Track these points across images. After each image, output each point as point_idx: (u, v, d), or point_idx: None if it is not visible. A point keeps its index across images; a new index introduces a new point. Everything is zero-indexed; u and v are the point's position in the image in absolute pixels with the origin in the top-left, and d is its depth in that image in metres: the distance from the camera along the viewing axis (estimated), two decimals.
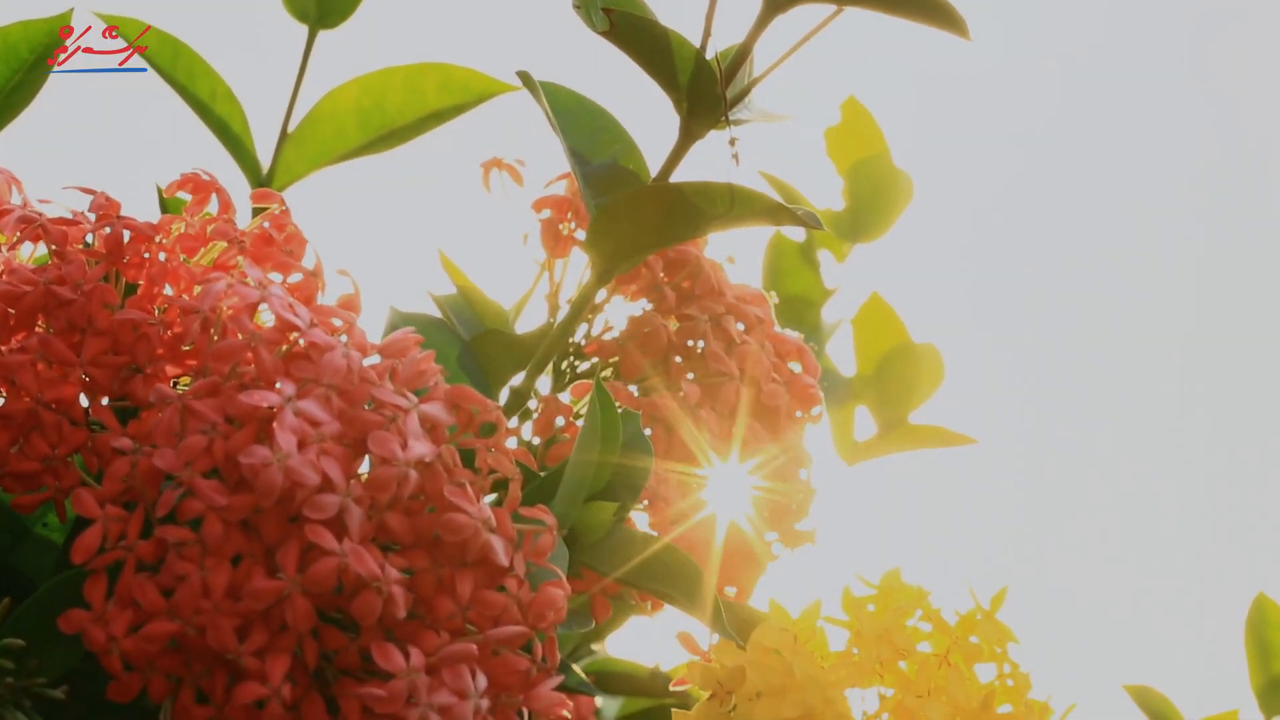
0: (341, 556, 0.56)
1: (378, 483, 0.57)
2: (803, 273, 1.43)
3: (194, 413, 0.58)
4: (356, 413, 0.58)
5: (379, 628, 0.57)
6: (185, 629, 0.55)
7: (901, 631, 0.70)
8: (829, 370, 1.40)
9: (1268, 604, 1.34)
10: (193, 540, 0.56)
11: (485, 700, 0.58)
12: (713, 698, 0.70)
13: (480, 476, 0.60)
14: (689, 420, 0.72)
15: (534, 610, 0.59)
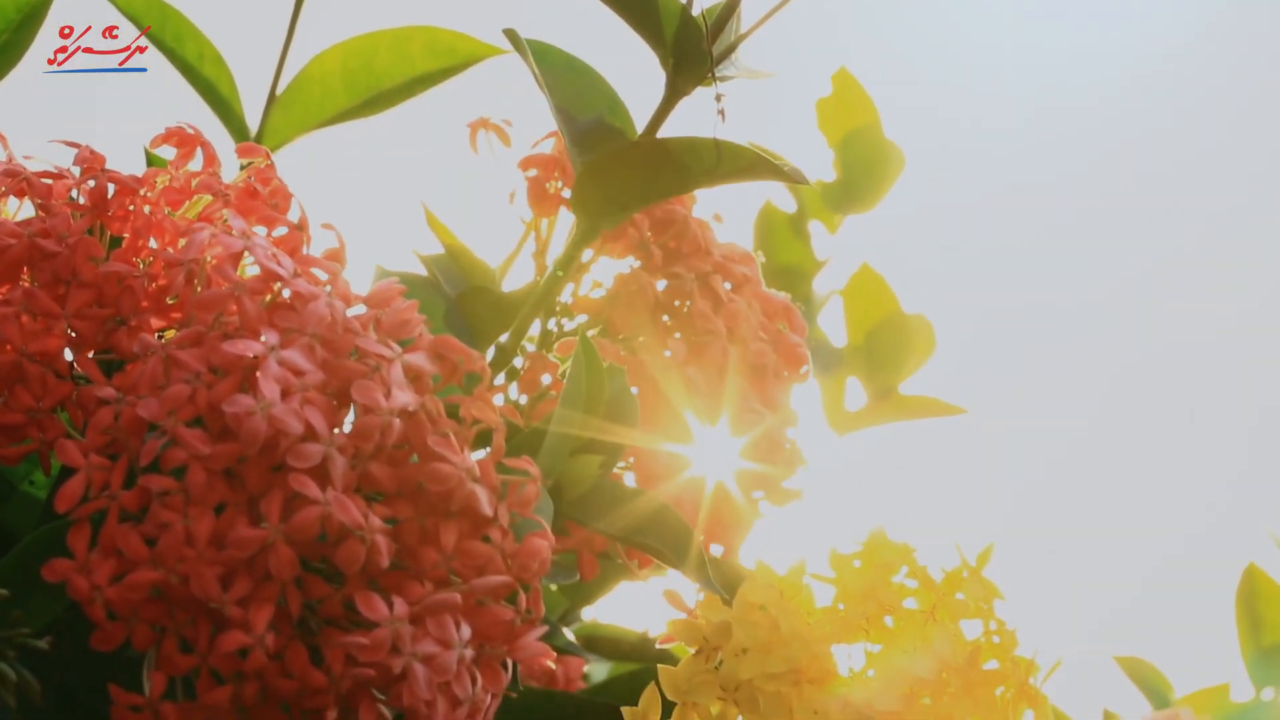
0: (325, 505, 0.56)
1: (361, 432, 0.57)
2: (794, 244, 1.43)
3: (178, 362, 0.57)
4: (340, 362, 0.58)
5: (363, 577, 0.57)
6: (168, 577, 0.55)
7: (887, 588, 0.70)
8: (820, 341, 1.40)
9: (1258, 575, 1.34)
10: (176, 489, 0.56)
11: (469, 650, 0.58)
12: (698, 653, 0.69)
13: (464, 427, 0.60)
14: (675, 378, 0.72)
15: (518, 561, 0.59)
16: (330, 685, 0.56)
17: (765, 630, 0.68)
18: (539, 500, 0.61)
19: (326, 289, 0.59)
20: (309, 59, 0.94)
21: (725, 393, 0.74)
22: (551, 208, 0.77)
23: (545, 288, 0.73)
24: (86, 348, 0.62)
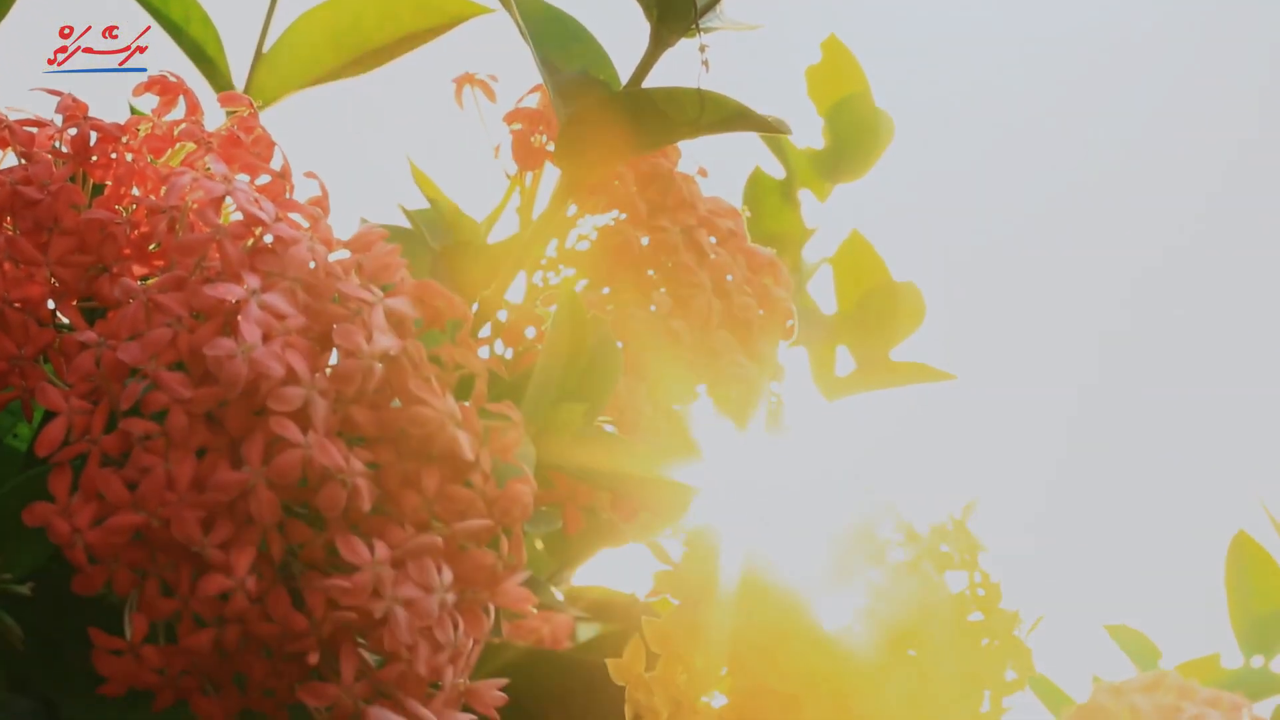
0: (306, 448, 0.55)
1: (342, 375, 0.57)
2: (783, 211, 1.43)
3: (159, 306, 0.57)
4: (322, 306, 0.58)
5: (344, 521, 0.57)
6: (150, 521, 0.55)
7: (871, 540, 0.70)
8: (809, 308, 1.40)
9: (1248, 542, 1.34)
10: (157, 433, 0.56)
11: (451, 595, 0.58)
12: (683, 605, 0.69)
13: (446, 372, 0.59)
14: (660, 331, 0.72)
15: (500, 506, 0.59)
16: (311, 629, 0.56)
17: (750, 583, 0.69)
18: (521, 446, 0.60)
19: (308, 234, 0.59)
20: (295, 17, 0.93)
21: (710, 346, 0.74)
22: (536, 162, 0.77)
23: (529, 240, 0.73)
24: (69, 295, 0.62)
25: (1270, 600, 1.33)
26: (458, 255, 0.75)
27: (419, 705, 0.58)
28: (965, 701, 0.69)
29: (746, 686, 0.67)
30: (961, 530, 0.72)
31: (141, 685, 0.57)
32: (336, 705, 0.57)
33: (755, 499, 0.74)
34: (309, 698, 0.57)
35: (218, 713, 0.58)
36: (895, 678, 0.68)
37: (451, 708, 0.59)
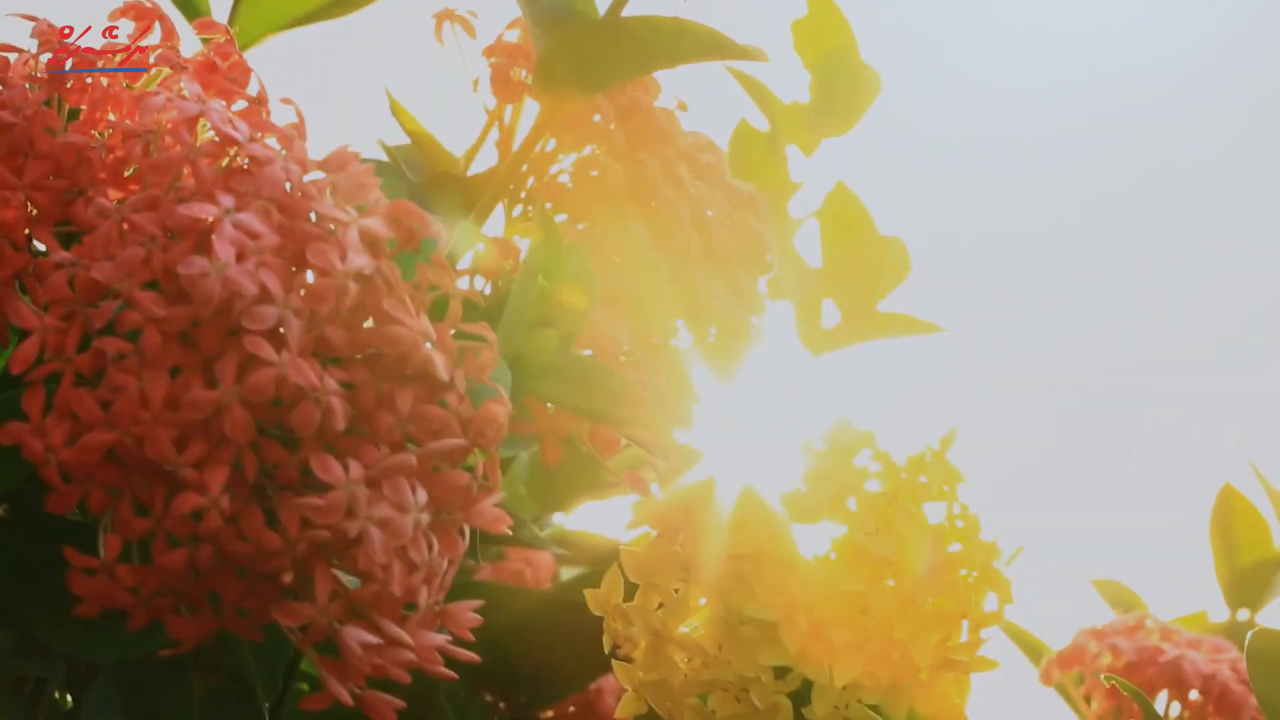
0: (280, 367, 0.55)
1: (316, 294, 0.57)
2: (769, 165, 1.43)
3: (132, 225, 0.57)
4: (296, 226, 0.58)
5: (318, 440, 0.57)
6: (123, 439, 0.55)
7: (850, 470, 0.70)
8: (795, 262, 1.40)
9: (1234, 496, 1.34)
10: (131, 352, 0.56)
11: (426, 515, 0.57)
12: (661, 536, 0.69)
13: (420, 292, 0.59)
14: (638, 262, 0.72)
15: (475, 426, 0.59)
16: (286, 548, 0.56)
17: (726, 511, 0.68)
18: (496, 367, 0.60)
19: (283, 154, 0.59)
20: None
21: (689, 279, 0.74)
22: (515, 95, 0.77)
23: (508, 169, 0.73)
24: (44, 220, 0.62)
25: (1255, 552, 1.33)
26: (436, 187, 0.75)
27: (393, 625, 0.58)
28: (944, 632, 0.69)
29: (724, 616, 0.67)
30: (940, 461, 0.71)
31: (115, 605, 0.57)
32: (311, 625, 0.57)
33: (736, 431, 0.74)
34: (283, 617, 0.57)
35: (192, 633, 0.58)
36: (874, 608, 0.68)
37: (426, 628, 0.59)
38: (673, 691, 0.69)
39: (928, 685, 0.70)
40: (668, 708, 0.69)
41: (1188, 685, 0.94)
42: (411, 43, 0.89)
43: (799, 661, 0.67)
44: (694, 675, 0.69)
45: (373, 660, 0.58)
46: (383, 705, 0.59)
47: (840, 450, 0.70)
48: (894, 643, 0.68)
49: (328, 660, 0.58)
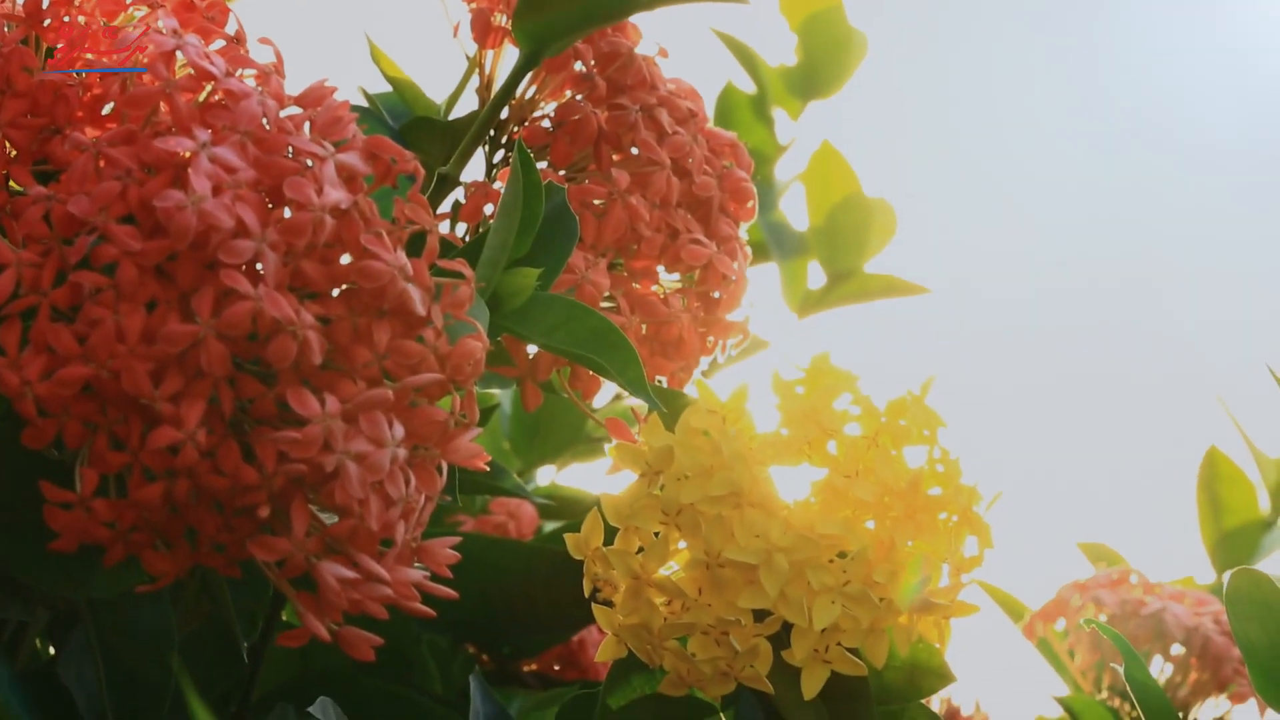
0: (256, 301, 0.55)
1: (293, 228, 0.57)
2: (756, 127, 1.43)
3: (109, 159, 0.57)
4: (272, 159, 0.58)
5: (294, 374, 0.57)
6: (99, 373, 0.55)
7: (829, 412, 0.70)
8: (781, 224, 1.40)
9: (1219, 459, 1.34)
10: (107, 286, 0.56)
11: (402, 450, 0.57)
12: (641, 479, 0.69)
13: (398, 227, 0.59)
14: (619, 207, 0.72)
15: (452, 362, 0.59)
16: (262, 482, 0.56)
17: (707, 454, 0.68)
18: (473, 303, 0.60)
19: (259, 89, 0.59)
20: None
21: (670, 224, 0.73)
22: (495, 40, 0.76)
23: (488, 115, 0.73)
24: (21, 158, 0.62)
25: (1241, 515, 1.33)
26: (417, 131, 0.75)
27: (371, 561, 0.58)
28: (924, 576, 0.69)
29: (704, 559, 0.67)
30: (920, 406, 0.71)
31: (92, 540, 0.57)
32: (287, 560, 0.57)
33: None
34: (259, 552, 0.57)
35: (169, 568, 0.58)
36: (853, 551, 0.68)
37: (404, 564, 0.59)
38: (652, 634, 0.69)
39: (907, 628, 0.70)
40: (647, 651, 0.69)
41: (1170, 637, 0.94)
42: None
43: (778, 604, 0.67)
44: (673, 618, 0.68)
45: (350, 595, 0.57)
46: (360, 641, 0.59)
47: (820, 392, 0.70)
48: (874, 585, 0.68)
49: (305, 596, 0.58)
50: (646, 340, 0.73)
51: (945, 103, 1.69)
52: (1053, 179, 1.72)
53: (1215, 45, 1.74)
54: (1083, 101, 1.73)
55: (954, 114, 1.70)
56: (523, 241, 0.65)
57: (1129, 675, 0.73)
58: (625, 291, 0.73)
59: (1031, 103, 1.71)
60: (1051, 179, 1.72)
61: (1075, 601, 1.00)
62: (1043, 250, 1.70)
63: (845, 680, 0.71)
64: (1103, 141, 1.74)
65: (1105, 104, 1.74)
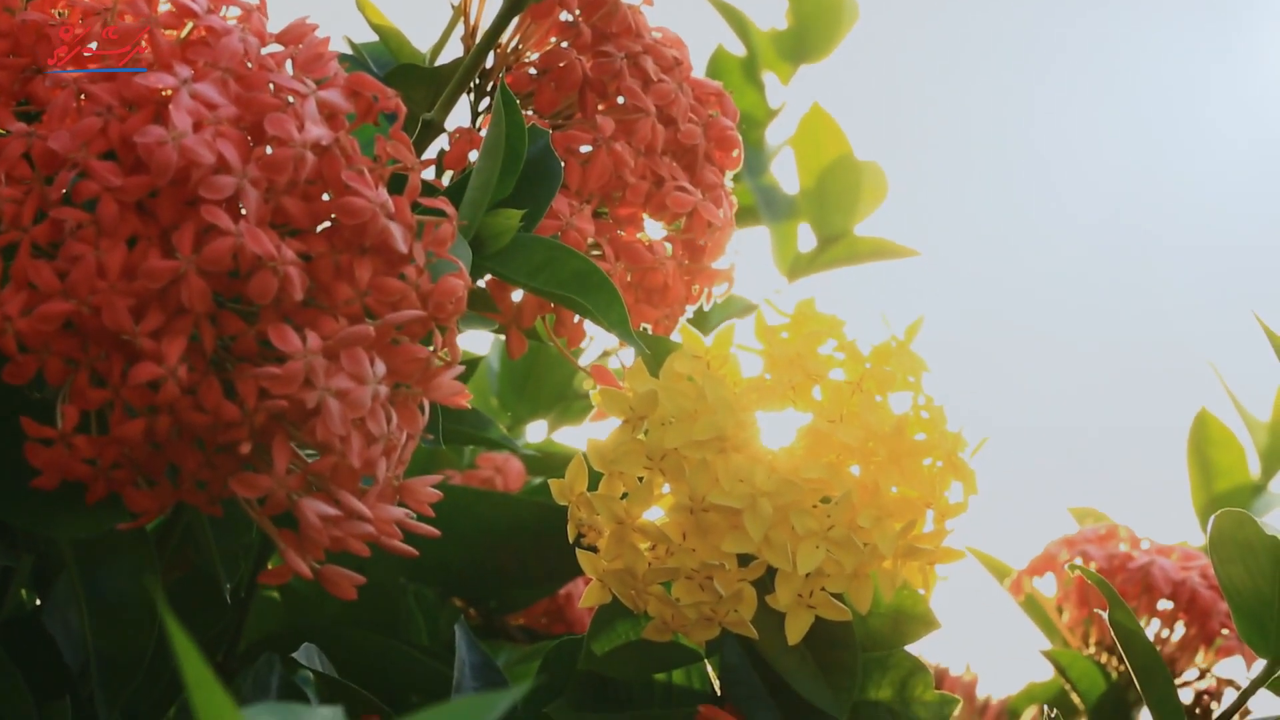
0: (237, 236, 0.55)
1: (274, 164, 0.56)
2: (746, 91, 1.42)
3: (90, 95, 0.57)
4: (254, 96, 0.57)
5: (276, 311, 0.57)
6: (80, 309, 0.55)
7: (814, 356, 0.70)
8: (771, 188, 1.40)
9: (1210, 422, 1.34)
10: (88, 222, 0.56)
11: (384, 387, 0.57)
12: (625, 424, 0.69)
13: (379, 165, 0.59)
14: (604, 153, 0.72)
15: (434, 299, 0.59)
16: (243, 419, 0.56)
17: (691, 399, 0.68)
18: (455, 242, 0.60)
19: (240, 26, 0.59)
20: None
21: (654, 171, 0.73)
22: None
23: (473, 59, 0.72)
24: (2, 98, 0.62)
25: (1231, 478, 1.33)
26: (401, 78, 0.74)
27: (352, 498, 0.58)
28: (908, 520, 0.69)
29: (688, 504, 0.67)
30: (905, 352, 0.71)
31: (73, 477, 0.57)
32: (269, 497, 0.57)
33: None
34: (241, 489, 0.57)
35: (150, 505, 0.58)
36: (837, 495, 0.68)
37: (385, 501, 0.59)
38: (636, 579, 0.69)
39: (892, 574, 0.70)
40: (631, 596, 0.69)
41: (1157, 591, 0.94)
42: None
43: (762, 549, 0.67)
44: (658, 563, 0.68)
45: (331, 533, 0.57)
46: (342, 579, 0.59)
47: (805, 337, 0.70)
48: (858, 530, 0.68)
49: (286, 533, 0.58)
50: (631, 288, 0.73)
51: (937, 68, 1.68)
52: (1048, 144, 1.71)
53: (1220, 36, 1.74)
54: (1082, 68, 1.73)
55: (946, 78, 1.70)
56: (506, 182, 0.65)
57: (1113, 620, 0.73)
58: (610, 238, 0.72)
59: (1026, 67, 1.71)
60: (1047, 144, 1.71)
61: (1063, 556, 1.00)
62: (1037, 215, 1.70)
63: (830, 626, 0.71)
64: (1104, 107, 1.74)
65: (1104, 70, 1.74)
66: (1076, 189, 1.74)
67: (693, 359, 0.70)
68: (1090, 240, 1.74)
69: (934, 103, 1.67)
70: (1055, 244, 1.75)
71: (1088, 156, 1.73)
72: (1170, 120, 1.74)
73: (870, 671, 0.75)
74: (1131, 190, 1.73)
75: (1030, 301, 1.70)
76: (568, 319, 0.72)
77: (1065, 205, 1.71)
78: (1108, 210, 1.72)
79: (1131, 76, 1.74)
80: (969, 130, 1.70)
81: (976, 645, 1.19)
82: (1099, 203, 1.74)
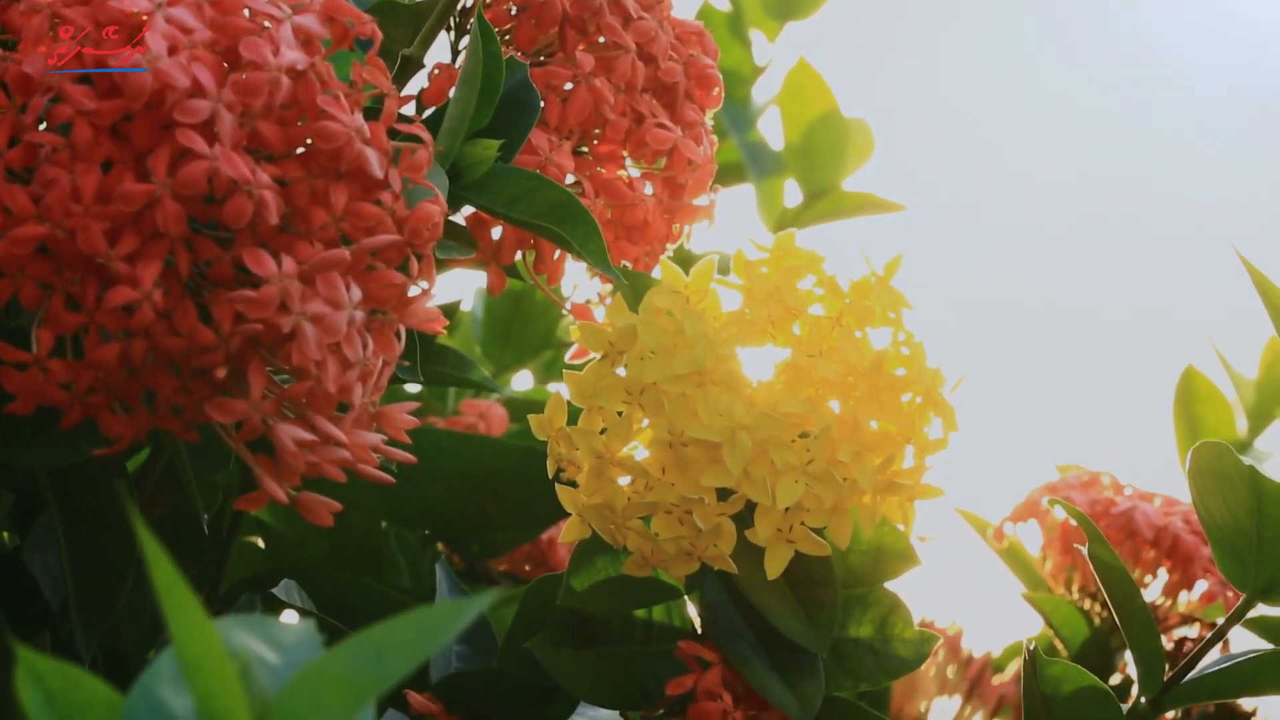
0: (212, 160, 0.55)
1: (249, 88, 0.56)
2: (733, 47, 1.42)
3: (64, 20, 0.57)
4: (229, 20, 0.57)
5: (252, 236, 0.57)
6: (55, 233, 0.55)
7: (793, 291, 0.70)
8: (758, 144, 1.40)
9: (1196, 378, 1.34)
10: (62, 145, 0.56)
11: (360, 313, 0.57)
12: (604, 358, 0.69)
13: (355, 91, 0.59)
14: (584, 90, 0.71)
15: (410, 225, 0.59)
16: (219, 343, 0.56)
17: (670, 334, 0.68)
18: (431, 169, 0.60)
19: None
20: None
21: (634, 109, 0.73)
22: None
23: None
24: None
25: (1218, 434, 1.33)
26: (381, 15, 0.74)
27: (328, 423, 0.58)
28: (888, 454, 0.69)
29: (667, 438, 0.67)
30: (885, 287, 0.71)
31: (48, 402, 0.57)
32: (245, 421, 0.57)
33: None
34: (217, 413, 0.57)
35: (126, 431, 0.58)
36: (817, 430, 0.68)
37: (361, 428, 0.59)
38: (616, 514, 0.69)
39: (871, 509, 0.70)
40: (611, 531, 0.69)
41: (1140, 536, 0.94)
42: None
43: (741, 483, 0.67)
44: (637, 498, 0.68)
45: (307, 458, 0.57)
46: (318, 506, 0.59)
47: (784, 272, 0.70)
48: (837, 465, 0.68)
49: (262, 459, 0.58)
50: (611, 224, 0.72)
51: (926, 27, 1.68)
52: (1034, 105, 1.71)
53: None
54: (1071, 31, 1.72)
55: (934, 38, 1.70)
56: (483, 112, 0.65)
57: (1093, 555, 0.73)
58: (590, 175, 0.72)
59: (1014, 28, 1.71)
60: (1032, 105, 1.71)
61: (1046, 503, 1.00)
62: (1025, 174, 1.70)
63: (810, 562, 0.71)
64: (1090, 72, 1.74)
65: (1094, 35, 1.74)
66: (1062, 142, 1.74)
67: (672, 294, 0.70)
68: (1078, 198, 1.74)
69: (922, 60, 1.67)
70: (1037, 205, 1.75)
71: (1067, 106, 1.73)
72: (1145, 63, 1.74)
73: (851, 609, 0.75)
74: (1115, 139, 1.73)
75: (1016, 260, 1.70)
76: (547, 255, 0.72)
77: (1050, 161, 1.71)
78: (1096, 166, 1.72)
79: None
80: (953, 88, 1.70)
81: (965, 611, 1.19)
82: (1087, 158, 1.74)
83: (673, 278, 0.70)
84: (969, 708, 1.09)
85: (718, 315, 0.70)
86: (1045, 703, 0.71)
